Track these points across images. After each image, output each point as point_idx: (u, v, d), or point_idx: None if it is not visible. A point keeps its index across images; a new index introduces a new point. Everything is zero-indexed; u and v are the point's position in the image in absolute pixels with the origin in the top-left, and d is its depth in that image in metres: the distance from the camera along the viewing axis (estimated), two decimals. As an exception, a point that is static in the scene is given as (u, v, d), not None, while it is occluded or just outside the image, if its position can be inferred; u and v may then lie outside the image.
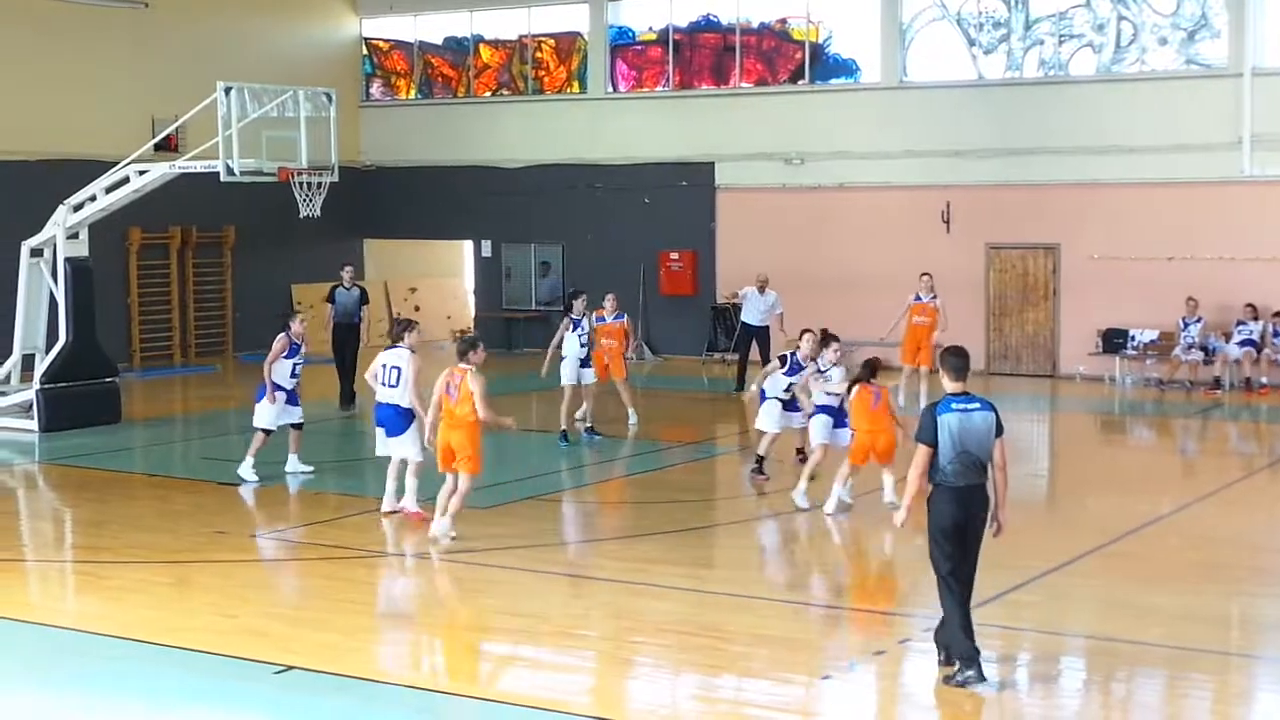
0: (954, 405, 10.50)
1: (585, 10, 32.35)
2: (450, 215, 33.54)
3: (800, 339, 17.35)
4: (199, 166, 21.39)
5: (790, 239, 29.75)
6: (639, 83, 32.32)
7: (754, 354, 25.62)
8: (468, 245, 34.81)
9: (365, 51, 35.01)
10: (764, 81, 30.96)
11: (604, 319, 21.66)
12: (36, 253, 22.35)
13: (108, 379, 22.49)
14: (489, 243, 33.62)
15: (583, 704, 10.35)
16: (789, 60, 30.73)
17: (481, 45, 33.94)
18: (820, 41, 30.27)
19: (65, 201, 22.00)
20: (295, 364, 17.90)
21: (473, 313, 34.61)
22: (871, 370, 15.64)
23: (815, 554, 15.15)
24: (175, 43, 30.15)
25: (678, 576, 13.50)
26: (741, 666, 11.03)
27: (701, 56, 31.61)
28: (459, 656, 11.62)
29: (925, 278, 23.88)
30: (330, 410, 23.17)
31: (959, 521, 10.45)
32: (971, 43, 28.65)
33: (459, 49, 34.20)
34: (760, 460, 17.48)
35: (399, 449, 15.75)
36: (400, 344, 15.72)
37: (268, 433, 17.82)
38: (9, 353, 22.49)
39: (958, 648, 10.45)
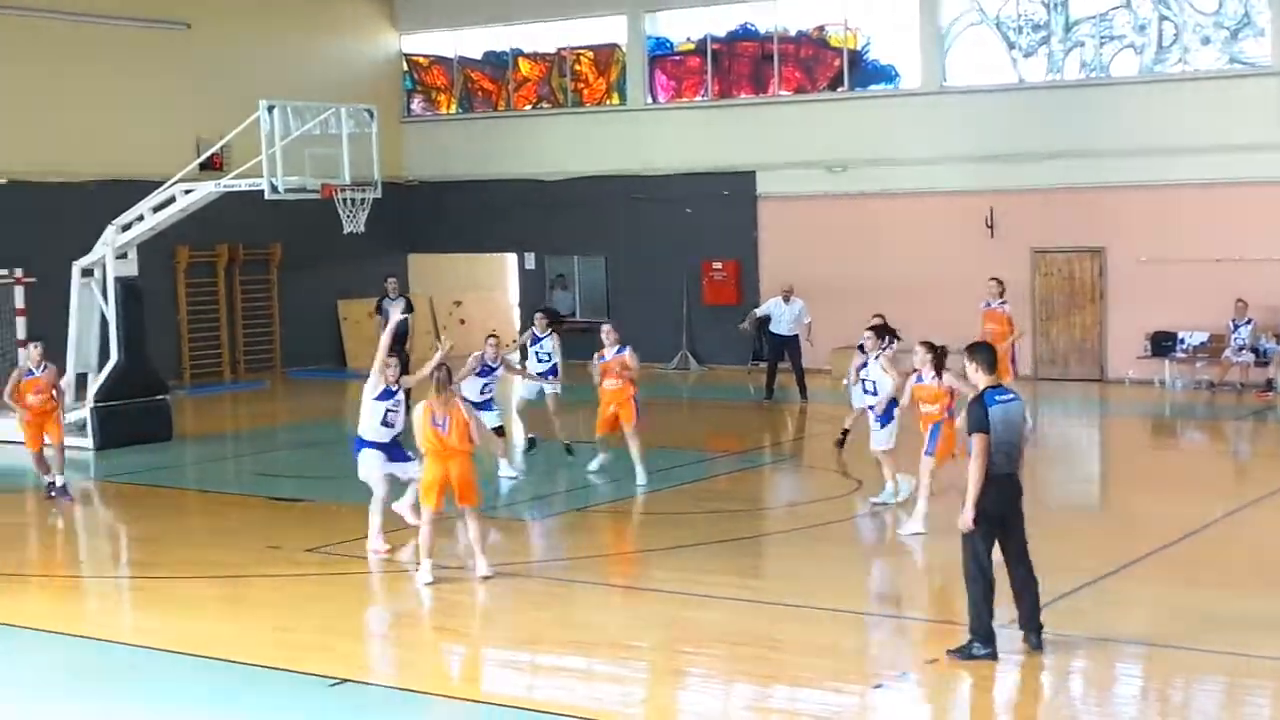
0: (997, 397, 10.92)
1: (623, 22, 32.43)
2: (493, 228, 33.67)
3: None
4: (244, 185, 21.57)
5: (833, 247, 29.74)
6: (678, 93, 32.38)
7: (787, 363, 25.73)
8: (511, 258, 34.92)
9: (405, 67, 35.18)
10: (803, 89, 30.97)
11: (603, 357, 18.41)
12: (87, 273, 22.58)
13: (159, 396, 22.69)
14: (532, 255, 33.73)
15: (636, 715, 10.39)
16: (828, 67, 30.74)
17: (520, 59, 34.06)
18: (859, 48, 30.27)
19: (114, 222, 22.22)
20: (486, 383, 18.68)
21: (518, 325, 34.71)
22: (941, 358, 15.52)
23: (866, 562, 15.12)
24: (218, 62, 30.38)
25: (728, 586, 13.52)
26: (793, 676, 11.03)
27: (740, 65, 31.65)
28: (513, 669, 11.66)
29: (993, 283, 23.03)
30: (329, 430, 23.31)
31: (1004, 511, 10.87)
32: (1011, 46, 28.59)
33: (498, 63, 34.33)
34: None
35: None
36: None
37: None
38: (63, 372, 22.66)
39: (982, 627, 10.86)
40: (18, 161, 27.56)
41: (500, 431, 18.90)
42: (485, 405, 18.42)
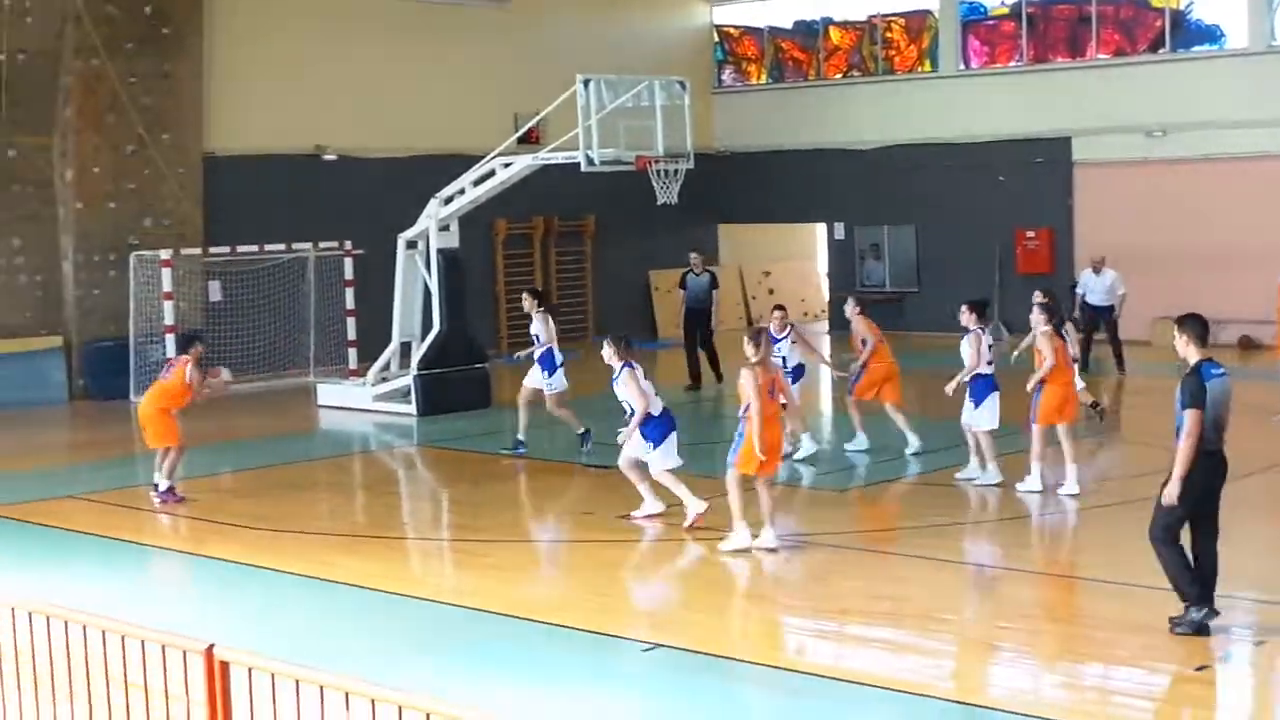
0: (1212, 372, 10.80)
1: (936, -13, 32.09)
2: (803, 198, 33.70)
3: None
4: (560, 158, 22.01)
5: (1151, 215, 28.94)
6: (991, 59, 31.89)
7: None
8: (821, 228, 34.92)
9: (716, 39, 35.43)
10: (1122, 52, 30.18)
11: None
12: (411, 245, 23.39)
13: (478, 365, 23.42)
14: (842, 225, 33.66)
15: (945, 688, 10.39)
16: (1148, 29, 29.88)
17: (831, 27, 33.99)
18: (1181, 7, 29.33)
19: (436, 195, 22.96)
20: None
21: (826, 296, 34.72)
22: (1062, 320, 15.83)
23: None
24: (535, 39, 31.11)
25: (1042, 561, 13.38)
26: (1108, 654, 10.86)
27: (1056, 29, 30.99)
28: (821, 638, 11.76)
29: None
30: (679, 392, 23.63)
31: (1210, 485, 10.79)
32: (1346, 3, 27.37)
33: (809, 32, 34.31)
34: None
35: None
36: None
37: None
38: (389, 341, 23.60)
39: (1192, 590, 10.81)
40: (346, 138, 28.73)
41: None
42: None
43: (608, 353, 15.33)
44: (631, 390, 14.89)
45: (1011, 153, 30.72)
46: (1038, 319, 16.10)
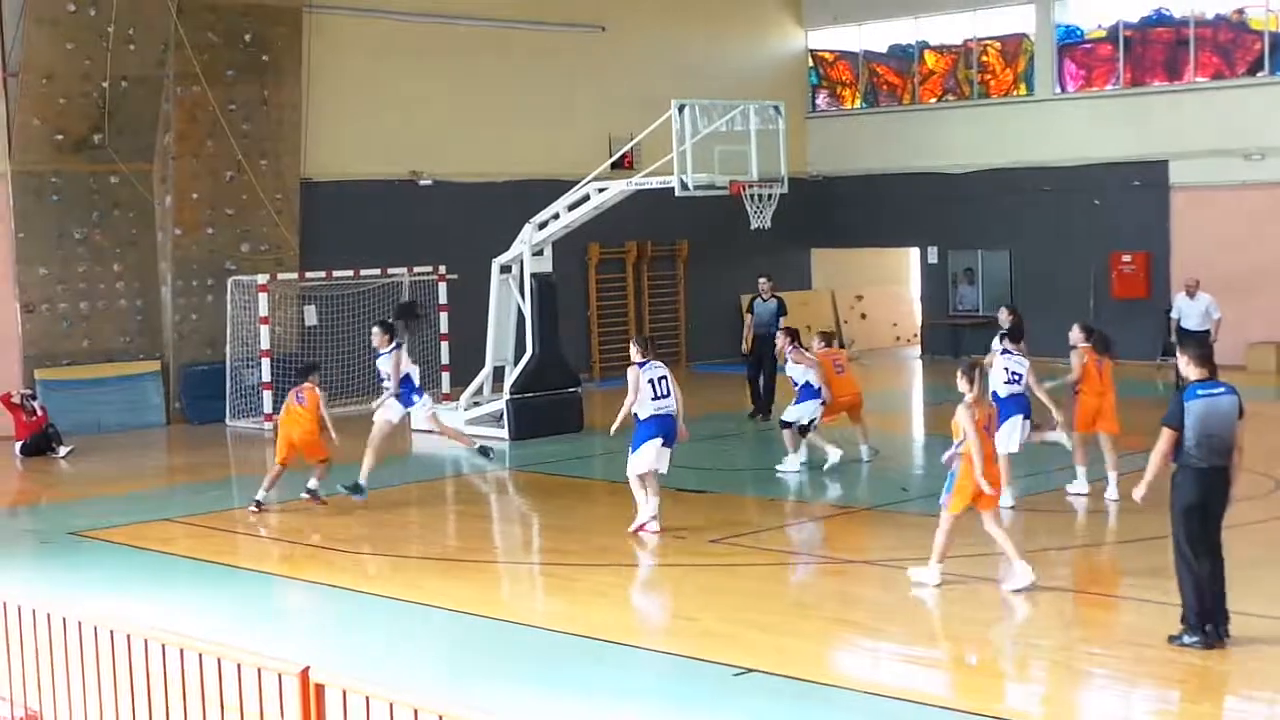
0: (1200, 391, 11.24)
1: (1031, 11, 31.90)
2: (896, 222, 33.59)
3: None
4: (655, 183, 22.02)
5: (1250, 238, 28.59)
6: (1088, 82, 31.66)
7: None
8: (914, 252, 34.79)
9: (811, 63, 35.42)
10: (1220, 75, 29.86)
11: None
12: (505, 269, 23.50)
13: (571, 389, 23.49)
14: (935, 249, 33.52)
15: (1036, 714, 10.31)
16: (1247, 51, 29.55)
17: (926, 51, 33.88)
18: (1281, 31, 29.02)
19: (531, 220, 23.09)
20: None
21: (919, 320, 34.56)
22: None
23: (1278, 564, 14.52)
24: (629, 63, 31.26)
25: (1137, 587, 13.24)
26: (1201, 683, 10.75)
27: (1153, 52, 30.72)
28: (910, 663, 11.70)
29: None
30: (731, 421, 23.62)
31: (1201, 501, 11.18)
32: None
33: (904, 56, 34.23)
34: None
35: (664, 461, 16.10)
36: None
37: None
38: (482, 365, 23.73)
39: (1189, 614, 11.18)
40: (441, 163, 29.00)
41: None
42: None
43: (634, 350, 16.26)
44: (629, 384, 15.99)
45: (1107, 176, 30.47)
46: (1076, 336, 17.10)
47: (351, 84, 27.81)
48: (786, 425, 19.26)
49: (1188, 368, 11.52)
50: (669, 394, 16.00)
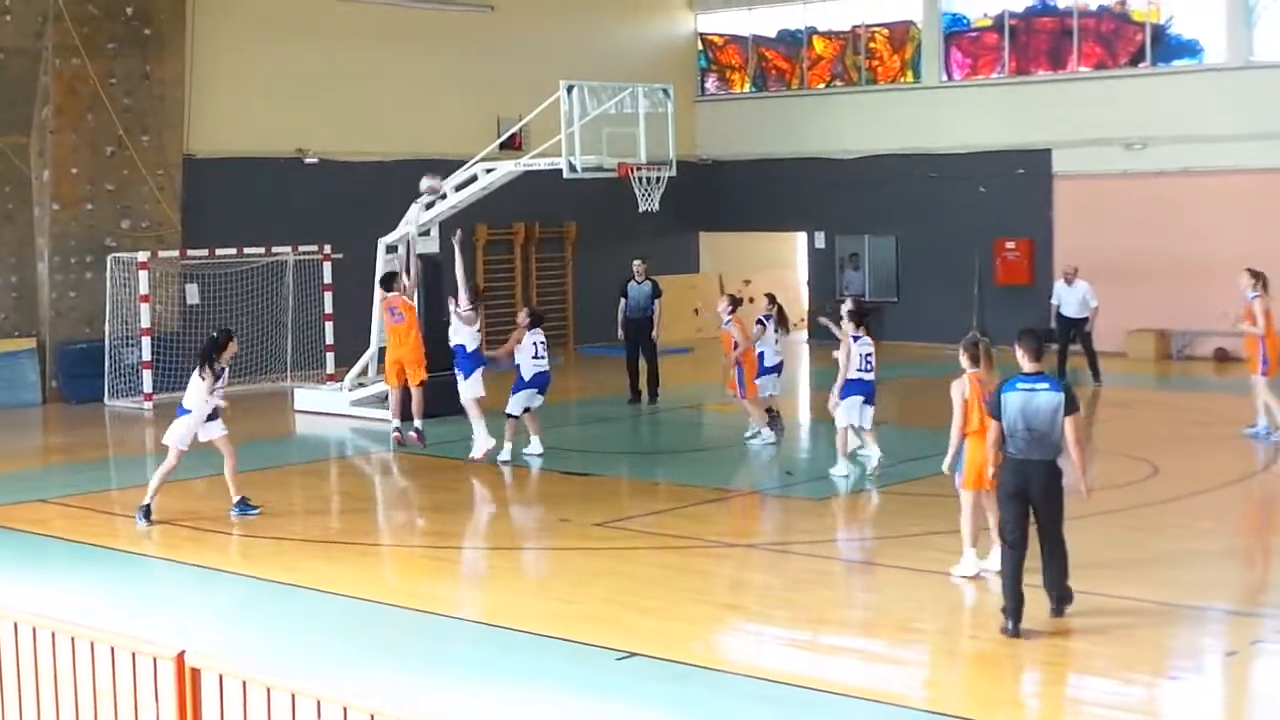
0: (1019, 384, 11.45)
1: (919, -2, 32.16)
2: (784, 207, 33.72)
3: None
4: (543, 164, 21.95)
5: (1131, 227, 29.01)
6: (974, 70, 31.95)
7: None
8: (801, 237, 34.95)
9: (700, 46, 35.45)
10: (1103, 65, 30.26)
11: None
12: (391, 249, 23.28)
13: (454, 371, 23.24)
14: (822, 234, 33.70)
15: (919, 698, 10.37)
16: (1129, 42, 29.96)
17: (815, 37, 34.02)
18: (1162, 22, 29.42)
19: (417, 200, 22.89)
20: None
21: (806, 305, 34.73)
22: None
23: (1158, 548, 14.72)
24: (519, 44, 31.08)
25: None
26: (1085, 664, 10.89)
27: (1038, 41, 31.06)
28: (796, 647, 11.75)
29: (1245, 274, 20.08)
30: (619, 405, 23.59)
31: (1018, 490, 11.36)
32: (1325, 19, 27.46)
33: (793, 41, 34.35)
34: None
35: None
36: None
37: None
38: (367, 346, 23.50)
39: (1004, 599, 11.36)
40: (328, 141, 28.68)
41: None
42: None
43: (522, 315, 19.17)
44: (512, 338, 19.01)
45: (992, 164, 30.78)
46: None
47: (237, 60, 27.40)
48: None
49: (1022, 360, 11.65)
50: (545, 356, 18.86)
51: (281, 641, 11.83)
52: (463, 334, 18.72)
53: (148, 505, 15.83)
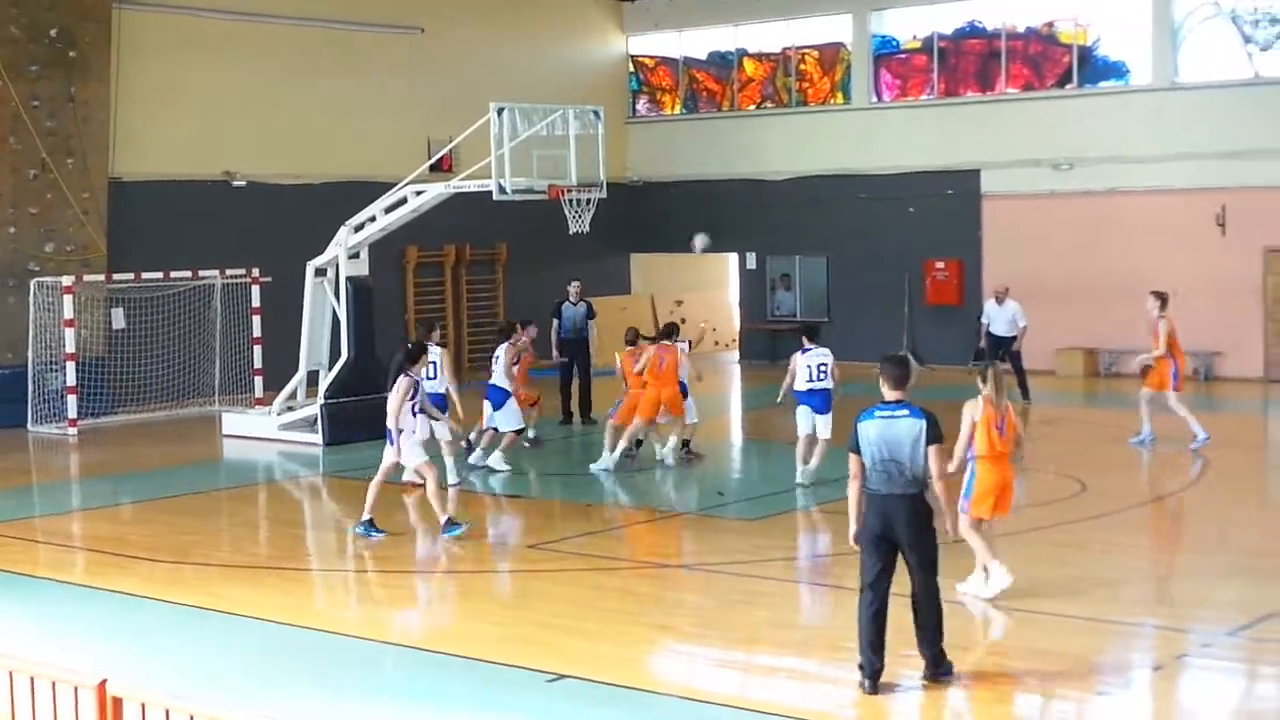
0: (878, 413, 10.51)
1: (848, 21, 32.31)
2: (715, 228, 33.62)
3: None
4: (473, 186, 21.89)
5: (1059, 246, 29.26)
6: (903, 92, 32.14)
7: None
8: (733, 258, 35.01)
9: (631, 68, 35.50)
10: (1030, 86, 30.52)
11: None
12: (320, 272, 23.18)
13: (387, 394, 23.11)
14: (754, 255, 33.77)
15: (849, 716, 10.35)
16: (1056, 64, 30.24)
17: (745, 59, 34.14)
18: (1089, 44, 29.71)
19: (347, 222, 22.78)
20: None
21: (737, 325, 34.79)
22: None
23: (1086, 565, 14.80)
24: (448, 66, 31.03)
25: (946, 590, 13.36)
26: (1013, 680, 10.89)
27: (967, 63, 31.30)
28: (729, 668, 11.70)
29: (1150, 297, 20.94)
30: (552, 426, 23.48)
31: (880, 532, 10.43)
32: (1247, 40, 27.80)
33: (723, 63, 34.45)
34: None
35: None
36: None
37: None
38: (296, 370, 23.35)
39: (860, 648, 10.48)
40: (256, 164, 28.50)
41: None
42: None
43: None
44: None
45: (922, 185, 30.96)
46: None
47: (163, 82, 27.18)
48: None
49: (883, 385, 10.69)
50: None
51: (205, 669, 11.66)
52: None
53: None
